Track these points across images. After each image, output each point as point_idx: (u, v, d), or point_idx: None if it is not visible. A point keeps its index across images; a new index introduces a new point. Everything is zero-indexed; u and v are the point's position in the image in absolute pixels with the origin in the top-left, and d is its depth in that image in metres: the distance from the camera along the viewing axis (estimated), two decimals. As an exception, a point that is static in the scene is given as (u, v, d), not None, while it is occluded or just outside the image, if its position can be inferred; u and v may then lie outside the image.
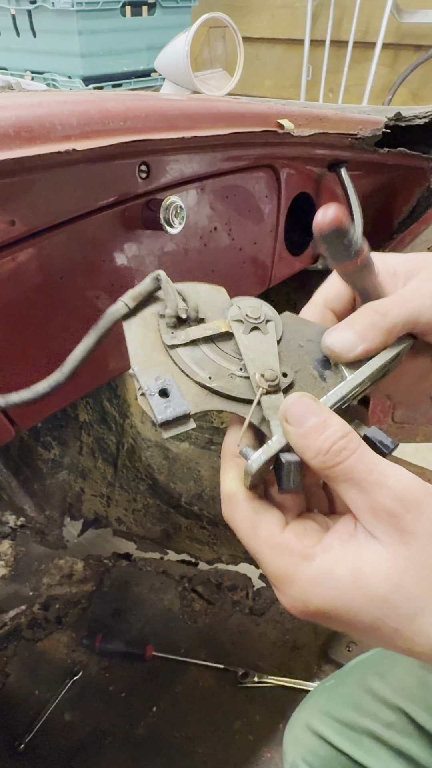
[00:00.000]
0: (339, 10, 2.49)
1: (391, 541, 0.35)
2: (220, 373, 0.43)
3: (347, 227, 0.38)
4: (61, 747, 1.27)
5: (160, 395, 0.41)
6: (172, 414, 0.40)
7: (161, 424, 0.40)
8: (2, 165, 0.42)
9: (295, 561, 0.37)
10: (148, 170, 0.58)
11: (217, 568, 1.64)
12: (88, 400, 1.58)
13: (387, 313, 0.42)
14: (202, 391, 0.42)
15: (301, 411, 0.38)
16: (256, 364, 0.43)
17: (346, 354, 0.43)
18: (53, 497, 1.71)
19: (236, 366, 0.43)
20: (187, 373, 0.42)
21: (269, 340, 0.45)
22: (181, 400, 0.41)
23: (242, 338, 0.44)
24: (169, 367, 0.42)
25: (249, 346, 0.44)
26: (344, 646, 1.41)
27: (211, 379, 0.42)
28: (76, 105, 0.49)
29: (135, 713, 1.32)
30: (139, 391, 0.41)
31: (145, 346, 0.43)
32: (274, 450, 0.39)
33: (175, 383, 0.41)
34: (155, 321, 0.44)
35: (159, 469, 1.60)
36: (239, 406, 0.42)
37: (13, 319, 0.51)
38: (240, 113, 0.65)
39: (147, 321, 0.44)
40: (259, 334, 0.45)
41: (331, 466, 0.36)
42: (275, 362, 0.43)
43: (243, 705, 1.34)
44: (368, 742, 0.71)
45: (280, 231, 0.82)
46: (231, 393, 0.42)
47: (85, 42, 1.80)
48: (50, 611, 1.53)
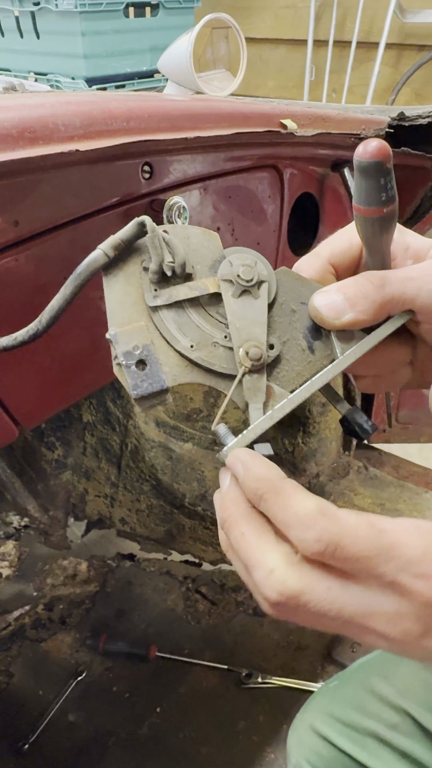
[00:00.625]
0: (342, 10, 2.48)
1: None
2: (204, 341, 0.40)
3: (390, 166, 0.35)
4: (64, 747, 1.27)
5: (136, 366, 0.38)
6: (148, 389, 0.38)
7: (136, 399, 0.38)
8: (6, 166, 0.42)
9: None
10: (151, 171, 0.58)
11: (220, 568, 1.63)
12: (91, 401, 1.58)
13: (383, 286, 0.39)
14: (182, 361, 0.39)
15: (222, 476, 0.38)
16: (242, 335, 0.40)
17: (331, 320, 0.40)
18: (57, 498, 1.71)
19: (221, 333, 0.40)
20: (167, 340, 0.39)
21: (259, 306, 0.41)
22: (158, 374, 0.38)
23: (230, 303, 0.40)
24: (150, 333, 0.39)
25: (236, 313, 0.40)
26: (348, 646, 1.41)
27: (193, 348, 0.39)
28: (79, 106, 0.49)
29: (139, 714, 1.32)
30: (115, 360, 0.39)
31: (125, 303, 0.40)
32: (248, 440, 0.38)
33: (154, 353, 0.39)
34: (137, 274, 0.41)
35: (162, 469, 1.60)
36: (220, 381, 0.40)
37: (17, 320, 0.51)
38: (243, 113, 0.65)
39: (128, 274, 0.41)
40: (250, 299, 0.41)
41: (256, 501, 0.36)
42: (263, 334, 0.40)
43: (246, 706, 1.33)
44: (372, 744, 0.70)
45: (284, 231, 0.82)
46: (212, 366, 0.39)
47: (88, 43, 1.80)
48: (54, 612, 1.53)
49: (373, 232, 0.39)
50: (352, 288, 0.40)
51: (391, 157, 0.35)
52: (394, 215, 0.38)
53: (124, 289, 0.40)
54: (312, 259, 0.44)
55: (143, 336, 0.39)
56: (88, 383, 0.61)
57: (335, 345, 0.41)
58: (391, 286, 0.39)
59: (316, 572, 0.34)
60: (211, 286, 0.41)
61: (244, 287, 0.41)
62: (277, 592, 0.33)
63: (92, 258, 0.40)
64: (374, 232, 0.39)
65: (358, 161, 0.35)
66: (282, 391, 0.40)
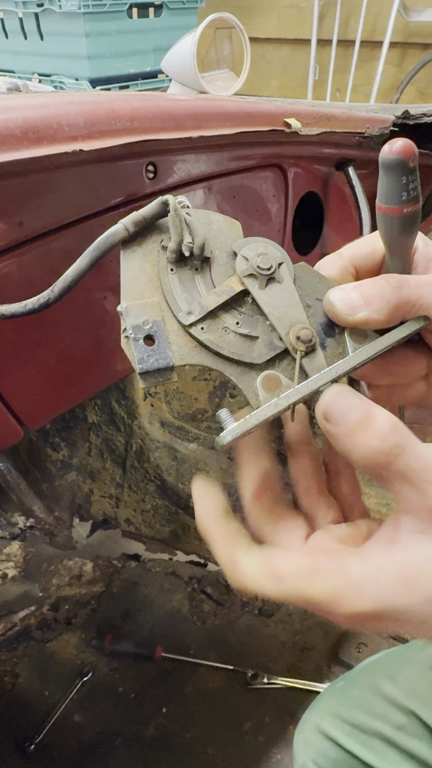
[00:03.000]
0: (346, 9, 2.48)
1: None
2: (215, 325, 0.39)
3: (414, 166, 0.35)
4: (70, 748, 1.27)
5: (144, 341, 0.38)
6: (154, 365, 0.37)
7: (141, 373, 0.37)
8: (10, 166, 0.42)
9: (335, 578, 0.34)
10: (155, 170, 0.58)
11: (226, 568, 1.63)
12: (96, 402, 1.58)
13: (401, 288, 0.39)
14: (191, 341, 0.39)
15: (340, 407, 0.35)
16: (284, 321, 0.40)
17: (344, 316, 0.39)
18: (62, 498, 1.72)
19: (233, 319, 0.40)
20: (178, 319, 0.39)
21: (288, 288, 0.41)
22: (166, 351, 0.38)
23: (260, 296, 0.40)
24: (161, 310, 0.39)
25: (270, 303, 0.40)
26: (354, 647, 1.41)
27: (203, 330, 0.39)
28: (83, 105, 0.49)
29: (145, 714, 1.32)
30: (124, 333, 0.38)
31: (140, 279, 0.40)
32: (250, 425, 0.37)
33: (164, 330, 0.38)
34: (155, 253, 0.41)
35: (167, 469, 1.60)
36: (227, 365, 0.39)
37: (21, 320, 0.51)
38: (247, 112, 0.65)
39: (147, 251, 0.40)
40: (276, 285, 0.41)
41: (383, 465, 0.33)
42: (302, 313, 0.40)
43: (253, 706, 1.33)
44: (379, 745, 0.70)
45: (288, 230, 0.82)
46: (221, 350, 0.39)
47: (92, 44, 1.81)
48: (60, 612, 1.53)
49: (393, 232, 0.39)
50: (369, 287, 0.39)
51: (417, 156, 0.35)
52: (417, 216, 0.38)
53: (140, 265, 0.40)
54: (335, 259, 0.44)
55: (155, 312, 0.39)
56: (93, 384, 0.61)
57: (348, 343, 0.41)
58: (409, 289, 0.39)
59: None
60: (236, 286, 0.40)
61: (268, 276, 0.41)
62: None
63: (112, 231, 0.40)
64: (395, 232, 0.39)
65: (382, 158, 0.35)
66: (288, 381, 0.39)
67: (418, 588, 0.33)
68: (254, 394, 0.39)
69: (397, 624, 0.35)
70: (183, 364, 0.39)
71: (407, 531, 0.35)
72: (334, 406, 0.35)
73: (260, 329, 0.40)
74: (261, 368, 0.40)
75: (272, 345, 0.40)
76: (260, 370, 0.39)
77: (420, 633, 0.35)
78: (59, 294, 0.42)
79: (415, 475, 0.33)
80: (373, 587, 0.34)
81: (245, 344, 0.40)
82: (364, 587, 0.34)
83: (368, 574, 0.34)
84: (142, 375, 0.38)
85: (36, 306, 0.43)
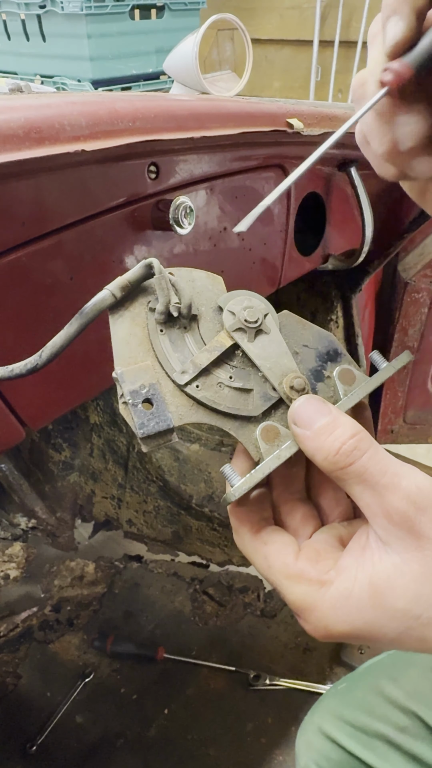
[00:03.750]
0: (348, 10, 2.48)
1: (405, 547, 0.34)
2: (209, 381, 0.40)
3: None
4: (72, 749, 1.27)
5: (143, 405, 0.38)
6: (154, 428, 0.38)
7: (142, 438, 0.38)
8: (12, 166, 0.42)
9: (312, 589, 0.36)
10: (157, 171, 0.58)
11: (228, 570, 1.63)
12: (98, 402, 1.58)
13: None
14: (187, 400, 0.40)
15: (309, 412, 0.37)
16: (275, 372, 0.41)
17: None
18: (64, 499, 1.72)
19: (226, 374, 0.41)
20: (174, 380, 0.40)
21: (276, 339, 0.42)
22: (165, 413, 0.38)
23: (250, 348, 0.41)
24: (155, 372, 0.40)
25: (260, 355, 0.41)
26: (357, 648, 1.40)
27: (198, 388, 0.40)
28: (85, 106, 0.49)
29: (147, 715, 1.32)
30: (122, 399, 0.39)
31: (131, 343, 0.40)
32: (256, 480, 0.38)
33: (160, 392, 0.39)
34: (144, 314, 0.41)
35: (169, 470, 1.60)
36: (225, 420, 0.40)
37: (24, 320, 0.51)
38: (249, 113, 0.65)
39: (135, 314, 0.41)
40: (265, 336, 0.42)
41: (342, 467, 0.35)
42: (292, 362, 0.42)
43: (255, 707, 1.33)
44: (381, 746, 0.70)
45: (290, 231, 0.82)
46: (218, 406, 0.40)
47: (94, 45, 1.81)
48: (62, 613, 1.53)
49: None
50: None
51: None
52: None
53: (130, 329, 0.41)
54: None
55: (149, 375, 0.39)
56: (95, 384, 0.61)
57: (338, 387, 0.42)
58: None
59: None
60: (225, 341, 0.41)
61: (256, 328, 0.42)
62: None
63: (99, 298, 0.41)
64: None
65: None
66: (287, 431, 0.40)
67: (384, 600, 0.34)
68: (255, 446, 0.40)
69: (369, 639, 0.36)
70: (182, 424, 0.39)
71: (373, 538, 0.36)
72: (303, 411, 0.37)
73: (253, 381, 0.41)
74: (258, 420, 0.41)
75: (267, 396, 0.41)
76: (258, 422, 0.40)
77: (394, 648, 0.36)
78: (47, 360, 0.42)
79: (372, 478, 0.35)
80: (346, 601, 0.35)
81: (240, 398, 0.41)
82: (338, 600, 0.35)
83: (343, 587, 0.35)
84: (144, 439, 0.38)
85: (23, 371, 0.42)
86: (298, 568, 0.37)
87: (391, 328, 1.33)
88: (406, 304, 1.29)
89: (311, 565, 0.37)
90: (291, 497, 0.43)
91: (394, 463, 0.35)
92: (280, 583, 0.38)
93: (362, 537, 0.37)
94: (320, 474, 0.43)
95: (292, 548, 0.39)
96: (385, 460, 0.35)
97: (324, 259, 0.94)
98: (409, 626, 0.34)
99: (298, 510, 0.42)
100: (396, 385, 1.40)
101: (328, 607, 0.35)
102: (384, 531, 0.35)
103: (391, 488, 0.34)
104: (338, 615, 0.35)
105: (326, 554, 0.38)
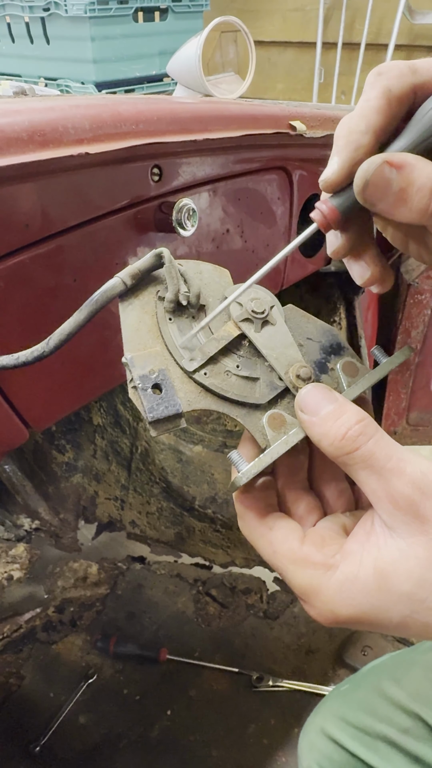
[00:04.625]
0: (351, 12, 2.48)
1: (410, 532, 0.34)
2: (217, 369, 0.41)
3: None
4: (75, 750, 1.27)
5: (152, 390, 0.39)
6: (163, 413, 0.38)
7: (151, 422, 0.38)
8: (15, 169, 0.43)
9: (318, 573, 0.36)
10: (160, 173, 0.58)
11: (231, 571, 1.63)
12: (101, 404, 1.58)
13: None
14: (196, 387, 0.41)
15: (315, 399, 0.38)
16: (282, 362, 0.42)
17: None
18: (67, 500, 1.72)
19: (233, 363, 0.42)
20: (182, 366, 0.40)
21: (281, 330, 0.43)
22: (174, 398, 0.39)
23: (257, 338, 0.42)
24: (165, 359, 0.41)
25: (266, 345, 0.42)
26: (359, 650, 1.40)
27: (206, 375, 0.41)
28: (88, 109, 0.49)
29: (149, 716, 1.32)
30: (131, 383, 0.39)
31: (141, 330, 0.41)
32: (264, 464, 0.38)
33: (170, 377, 0.40)
34: (153, 303, 0.42)
35: (172, 472, 1.60)
36: (232, 407, 0.41)
37: (27, 322, 0.51)
38: (252, 115, 0.65)
39: (144, 302, 0.42)
40: (271, 328, 0.43)
41: (347, 452, 0.36)
42: (298, 353, 0.42)
43: (257, 709, 1.33)
44: (384, 748, 0.70)
45: (293, 233, 0.82)
46: (226, 394, 0.41)
47: (97, 48, 1.81)
48: (65, 614, 1.54)
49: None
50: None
51: None
52: None
53: (139, 316, 0.42)
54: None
55: (159, 361, 0.40)
56: (98, 385, 0.62)
57: (341, 379, 0.43)
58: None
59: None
60: (233, 330, 0.42)
61: (263, 319, 0.43)
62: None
63: (110, 285, 0.41)
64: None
65: None
66: (293, 419, 0.41)
67: (389, 584, 0.34)
68: (261, 433, 0.41)
69: (374, 624, 0.36)
70: (191, 410, 0.40)
71: (378, 523, 0.36)
72: (310, 398, 0.38)
73: (260, 370, 0.42)
74: (265, 408, 0.42)
75: (273, 385, 0.42)
76: (264, 410, 0.41)
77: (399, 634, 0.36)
78: (54, 347, 0.42)
79: (377, 462, 0.35)
80: (352, 585, 0.35)
81: (247, 386, 0.42)
82: (344, 584, 0.35)
83: (348, 571, 0.36)
84: (153, 423, 0.38)
85: (29, 359, 0.42)
86: (304, 553, 0.37)
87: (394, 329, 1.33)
88: (409, 306, 1.29)
89: (317, 549, 0.37)
90: (295, 486, 0.43)
91: (400, 448, 0.36)
92: (286, 568, 0.38)
93: (367, 522, 0.37)
94: (323, 465, 0.43)
95: (297, 534, 0.39)
96: (390, 445, 0.35)
97: (327, 260, 0.94)
98: (414, 610, 0.34)
99: (303, 499, 0.43)
100: (399, 387, 1.40)
101: (333, 590, 0.36)
102: (389, 516, 0.35)
103: (396, 473, 0.34)
104: (344, 598, 0.35)
105: (331, 540, 0.38)
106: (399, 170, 0.34)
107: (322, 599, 0.36)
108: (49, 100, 0.66)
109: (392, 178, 0.34)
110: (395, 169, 0.34)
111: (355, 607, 0.35)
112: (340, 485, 0.43)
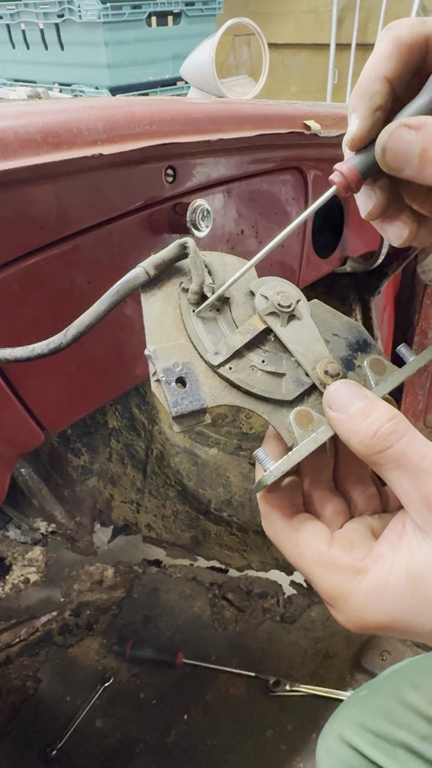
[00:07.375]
0: (364, 13, 2.47)
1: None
2: (242, 364, 0.40)
3: None
4: (92, 753, 1.27)
5: (176, 384, 0.38)
6: (188, 407, 0.37)
7: (175, 417, 0.37)
8: (30, 171, 0.43)
9: (347, 577, 0.35)
10: (174, 174, 0.58)
11: (247, 574, 1.62)
12: (117, 407, 1.58)
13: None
14: (220, 381, 0.39)
15: (345, 396, 0.36)
16: (308, 357, 0.40)
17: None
18: (83, 504, 1.72)
19: (258, 357, 0.41)
20: (207, 360, 0.39)
21: (308, 324, 0.42)
22: (198, 392, 0.38)
23: (283, 333, 0.41)
24: (189, 352, 0.39)
25: (293, 340, 0.41)
26: (378, 654, 1.39)
27: (231, 370, 0.39)
28: (102, 110, 0.49)
29: (166, 721, 1.32)
30: (154, 376, 0.38)
31: (164, 322, 0.40)
32: (293, 462, 0.37)
33: (194, 371, 0.38)
34: (176, 294, 0.41)
35: (188, 475, 1.59)
36: (258, 403, 0.40)
37: (41, 324, 0.51)
38: (266, 115, 0.64)
39: (167, 294, 0.41)
40: (297, 322, 0.41)
41: (378, 451, 0.34)
42: (325, 349, 0.41)
43: (274, 714, 1.32)
44: (403, 755, 0.69)
45: (308, 234, 0.81)
46: (251, 389, 0.39)
47: (111, 53, 1.82)
48: (81, 617, 1.54)
49: None
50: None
51: None
52: None
53: (162, 308, 0.41)
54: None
55: (183, 354, 0.39)
56: (113, 387, 0.61)
57: (369, 376, 0.42)
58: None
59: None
60: (258, 324, 0.41)
61: (289, 313, 0.41)
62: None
63: (133, 275, 0.40)
64: None
65: None
66: (320, 417, 0.40)
67: (423, 589, 0.33)
68: (288, 431, 0.39)
69: (405, 631, 0.35)
70: (216, 405, 0.39)
71: (410, 526, 0.35)
72: (339, 394, 0.37)
73: (286, 366, 0.41)
74: (291, 405, 0.40)
75: (299, 381, 0.41)
76: (291, 407, 0.40)
77: (429, 640, 0.35)
78: (72, 339, 0.40)
79: (410, 462, 0.34)
80: (383, 590, 0.34)
81: (273, 381, 0.40)
82: (375, 588, 0.34)
83: (379, 575, 0.34)
84: (177, 419, 0.37)
85: (45, 351, 0.41)
86: (332, 556, 0.36)
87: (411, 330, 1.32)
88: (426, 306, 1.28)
89: (345, 552, 0.36)
90: (322, 487, 0.42)
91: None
92: (312, 571, 0.37)
93: (398, 525, 0.36)
94: (349, 467, 0.42)
95: (324, 536, 0.38)
96: (424, 444, 0.34)
97: (342, 261, 0.93)
98: None
99: (330, 500, 0.41)
100: (416, 388, 1.38)
101: (363, 596, 0.34)
102: (422, 518, 0.34)
103: (430, 473, 0.33)
104: (374, 604, 0.34)
105: (360, 543, 0.37)
106: (418, 131, 0.33)
107: (351, 605, 0.35)
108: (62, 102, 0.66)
109: (412, 140, 0.33)
110: (413, 130, 0.33)
111: (385, 613, 0.34)
112: (366, 486, 0.42)
